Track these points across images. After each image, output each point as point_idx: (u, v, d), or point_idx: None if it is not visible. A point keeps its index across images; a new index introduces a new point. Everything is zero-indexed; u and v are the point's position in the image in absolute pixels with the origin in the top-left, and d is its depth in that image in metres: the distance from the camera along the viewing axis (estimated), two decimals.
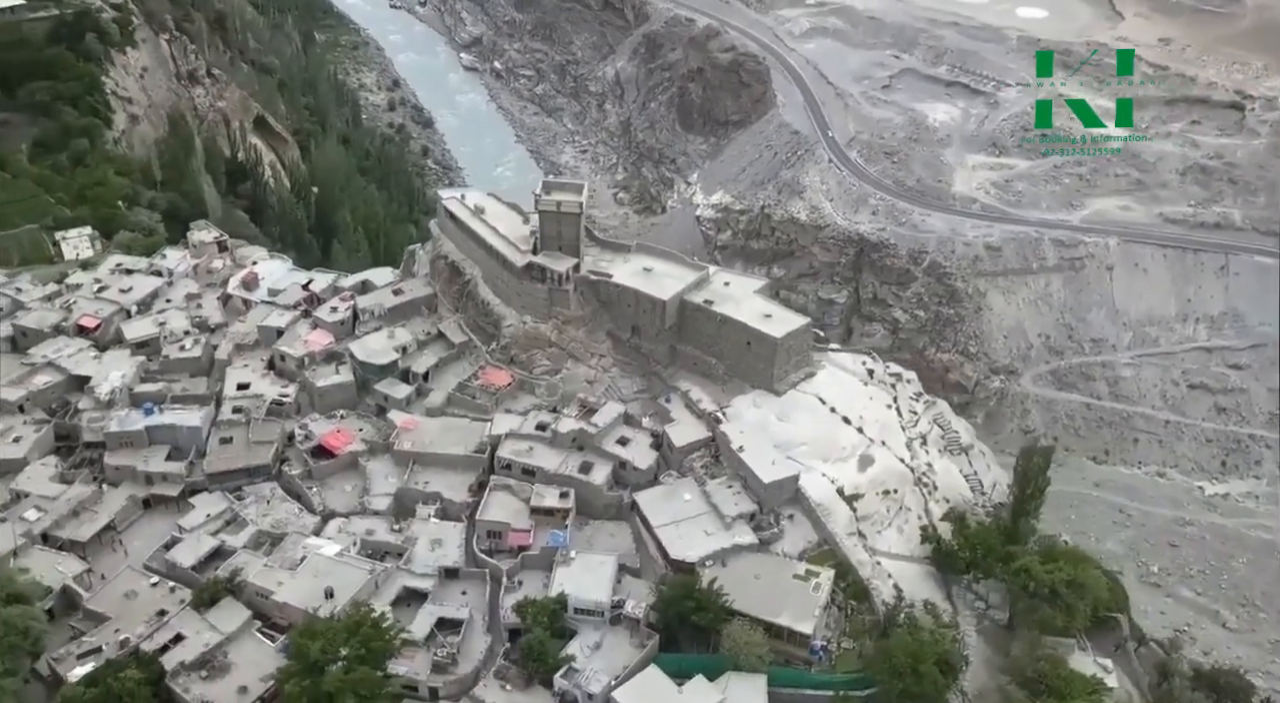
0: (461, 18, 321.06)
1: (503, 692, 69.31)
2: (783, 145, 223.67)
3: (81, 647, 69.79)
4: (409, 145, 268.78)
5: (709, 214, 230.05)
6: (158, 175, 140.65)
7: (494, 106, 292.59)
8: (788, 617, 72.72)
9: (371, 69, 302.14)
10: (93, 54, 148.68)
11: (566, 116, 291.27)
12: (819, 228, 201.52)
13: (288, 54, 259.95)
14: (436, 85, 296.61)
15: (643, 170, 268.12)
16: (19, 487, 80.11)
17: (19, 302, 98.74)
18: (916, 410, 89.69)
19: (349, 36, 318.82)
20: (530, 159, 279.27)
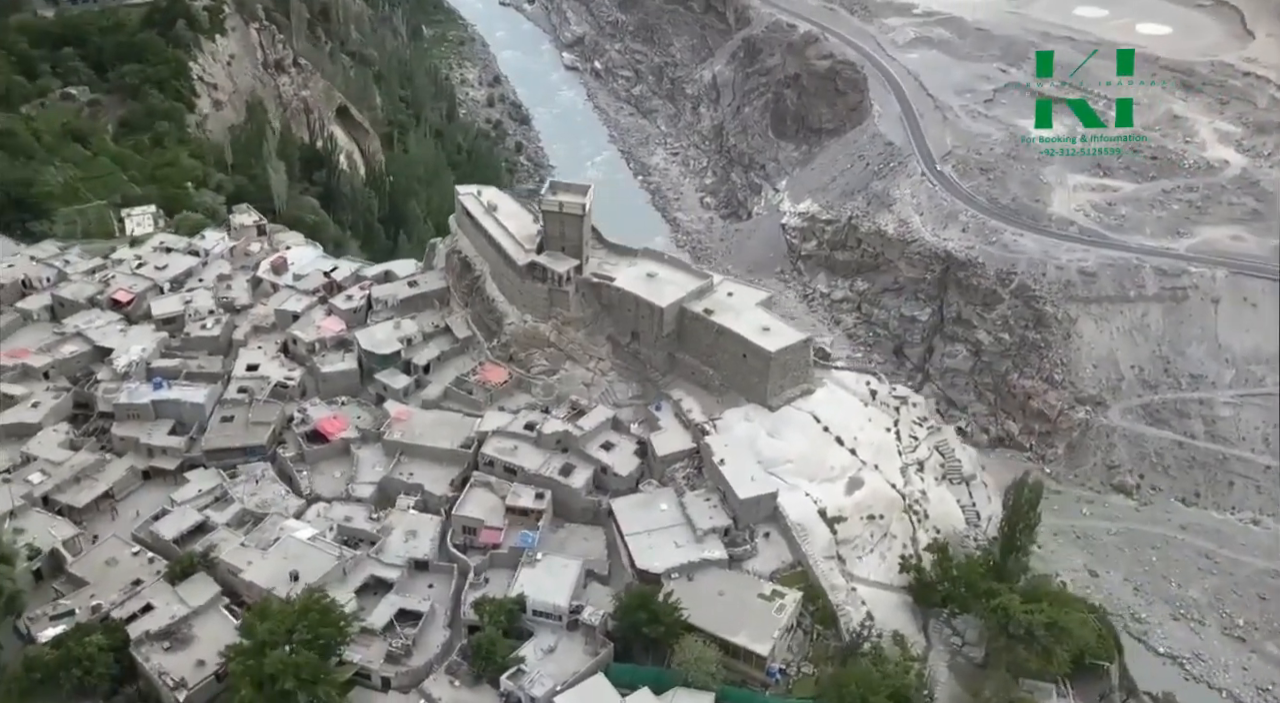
0: (567, 17, 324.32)
1: (450, 687, 69.73)
2: (875, 156, 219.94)
3: (57, 609, 72.47)
4: (504, 141, 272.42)
5: (795, 222, 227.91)
6: (229, 159, 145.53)
7: (591, 106, 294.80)
8: (746, 636, 71.51)
9: (475, 65, 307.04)
10: (182, 40, 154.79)
11: (661, 118, 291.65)
12: (906, 242, 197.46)
13: (391, 47, 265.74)
14: (536, 83, 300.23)
15: (731, 175, 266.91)
16: (29, 450, 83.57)
17: (65, 273, 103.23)
18: (917, 436, 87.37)
19: (456, 32, 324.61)
20: (621, 159, 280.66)
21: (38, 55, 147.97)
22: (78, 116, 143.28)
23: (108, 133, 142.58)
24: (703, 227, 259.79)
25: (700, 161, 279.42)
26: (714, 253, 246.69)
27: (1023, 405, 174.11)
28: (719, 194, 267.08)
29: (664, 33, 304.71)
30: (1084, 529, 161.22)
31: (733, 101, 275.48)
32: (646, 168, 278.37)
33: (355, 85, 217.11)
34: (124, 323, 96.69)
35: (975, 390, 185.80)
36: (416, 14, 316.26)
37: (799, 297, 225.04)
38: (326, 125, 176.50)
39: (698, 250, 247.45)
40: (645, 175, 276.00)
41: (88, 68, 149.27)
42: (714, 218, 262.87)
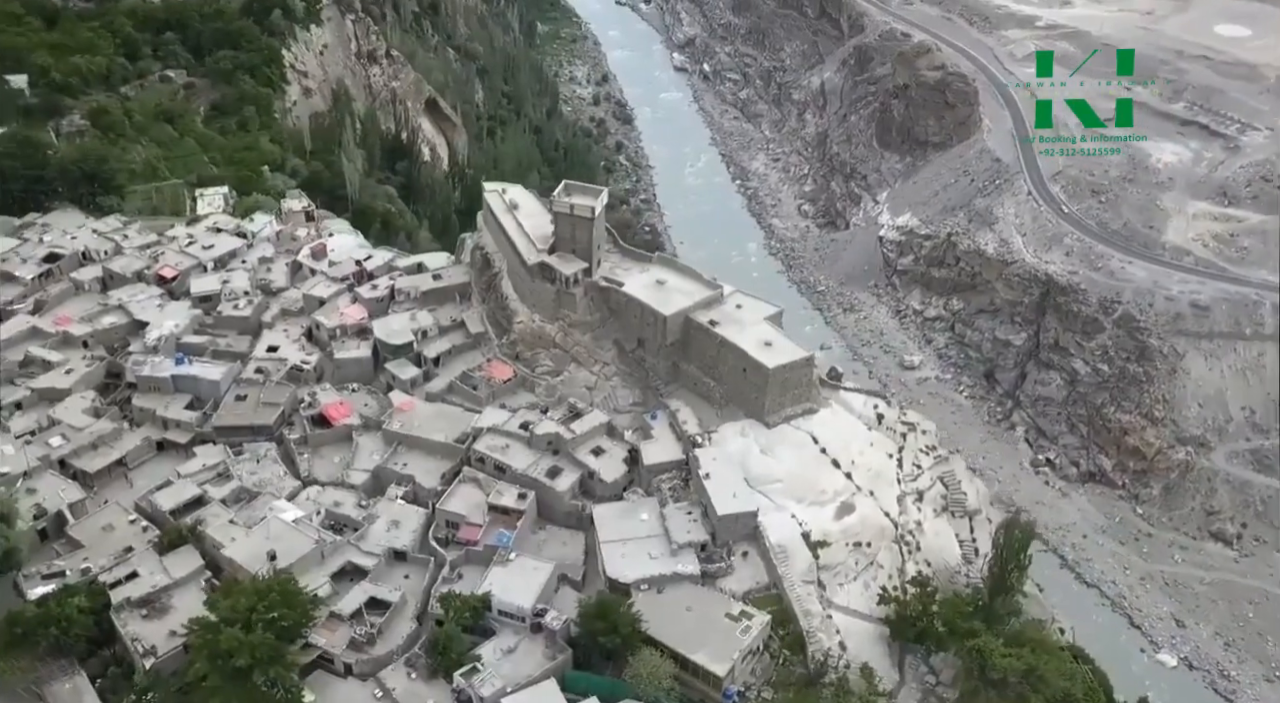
0: (680, 18, 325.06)
1: (407, 679, 70.42)
2: (981, 172, 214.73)
3: (50, 569, 75.95)
4: (604, 140, 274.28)
5: (892, 236, 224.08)
6: (307, 145, 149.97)
7: (695, 108, 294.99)
8: (705, 655, 70.56)
9: (585, 63, 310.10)
10: (277, 29, 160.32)
11: (765, 123, 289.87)
12: (1005, 263, 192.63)
13: (500, 42, 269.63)
14: (644, 83, 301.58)
15: (832, 184, 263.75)
16: (55, 414, 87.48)
17: (120, 247, 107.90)
18: (921, 464, 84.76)
19: (570, 30, 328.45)
20: (721, 163, 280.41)
21: (141, 39, 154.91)
22: (173, 98, 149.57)
23: (199, 115, 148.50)
24: (797, 235, 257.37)
25: (801, 169, 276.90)
26: (807, 262, 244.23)
27: (1118, 441, 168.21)
28: (817, 202, 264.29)
29: (775, 37, 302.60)
30: (1174, 576, 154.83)
31: (839, 109, 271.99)
32: (746, 172, 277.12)
33: (457, 79, 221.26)
34: (164, 298, 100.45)
35: (1067, 422, 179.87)
36: (532, 11, 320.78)
37: (891, 312, 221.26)
38: (414, 117, 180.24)
39: (790, 259, 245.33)
40: (744, 180, 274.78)
41: (186, 52, 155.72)
42: (810, 226, 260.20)
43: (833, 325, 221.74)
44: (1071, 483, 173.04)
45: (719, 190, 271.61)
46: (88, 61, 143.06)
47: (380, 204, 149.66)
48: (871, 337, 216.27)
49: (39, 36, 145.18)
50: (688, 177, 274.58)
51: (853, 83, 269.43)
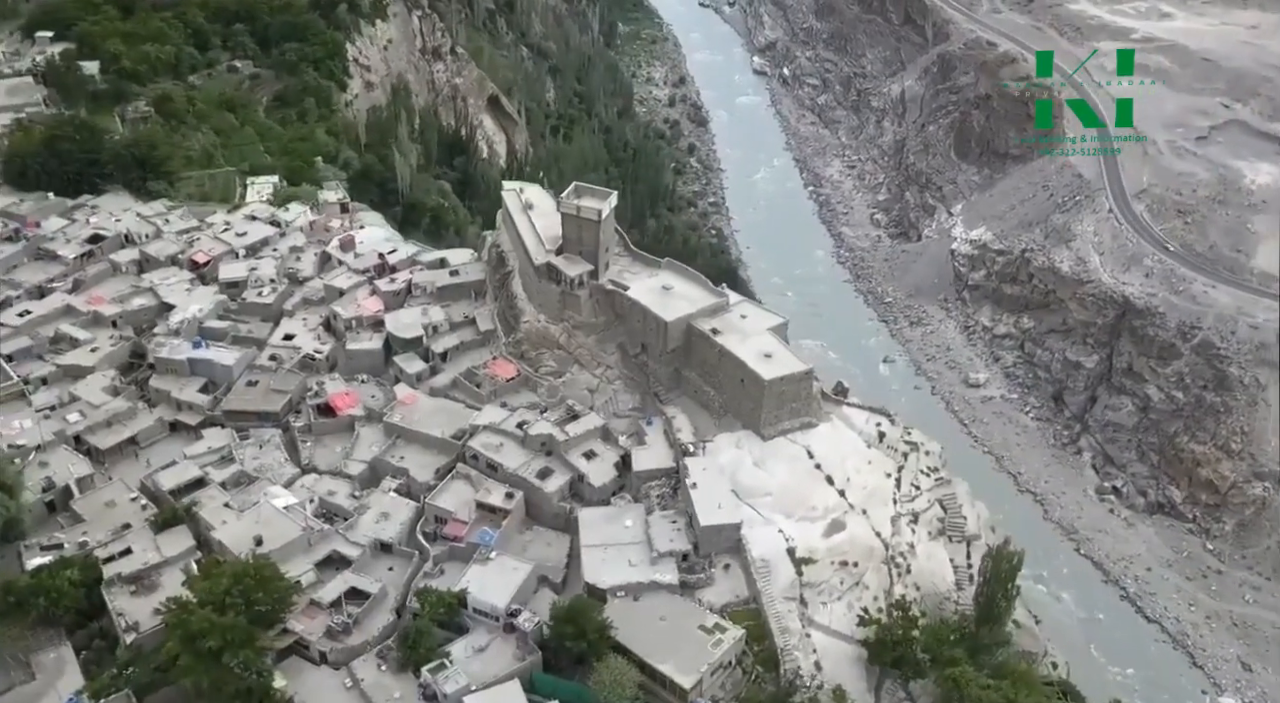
0: (762, 21, 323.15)
1: (376, 670, 70.93)
2: (1061, 187, 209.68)
3: (50, 541, 78.50)
4: (677, 142, 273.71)
5: (965, 249, 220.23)
6: (362, 138, 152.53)
7: (772, 112, 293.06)
8: (673, 666, 69.85)
9: (664, 64, 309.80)
10: (342, 23, 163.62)
11: (842, 130, 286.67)
12: (1080, 282, 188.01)
13: (576, 42, 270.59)
14: (722, 85, 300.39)
15: (906, 194, 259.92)
16: (76, 391, 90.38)
17: (161, 231, 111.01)
18: (920, 486, 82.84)
19: (652, 31, 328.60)
20: (794, 168, 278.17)
21: (212, 30, 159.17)
22: (238, 88, 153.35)
23: (260, 105, 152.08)
24: (868, 244, 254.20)
25: (876, 177, 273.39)
26: (875, 272, 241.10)
27: (1190, 473, 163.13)
28: (890, 212, 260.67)
29: (857, 43, 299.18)
30: (1244, 617, 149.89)
31: (918, 118, 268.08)
32: (819, 179, 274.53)
33: (527, 77, 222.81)
34: (194, 283, 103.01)
35: (1137, 449, 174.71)
36: (614, 11, 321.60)
37: (959, 328, 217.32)
38: (475, 113, 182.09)
39: (859, 268, 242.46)
40: (817, 186, 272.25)
41: (254, 43, 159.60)
42: (882, 236, 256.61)
43: (898, 338, 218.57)
44: (1138, 513, 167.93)
45: (790, 196, 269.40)
46: (156, 50, 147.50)
47: (432, 199, 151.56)
48: (937, 352, 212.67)
49: (114, 25, 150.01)
50: (759, 181, 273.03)
51: (934, 91, 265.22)
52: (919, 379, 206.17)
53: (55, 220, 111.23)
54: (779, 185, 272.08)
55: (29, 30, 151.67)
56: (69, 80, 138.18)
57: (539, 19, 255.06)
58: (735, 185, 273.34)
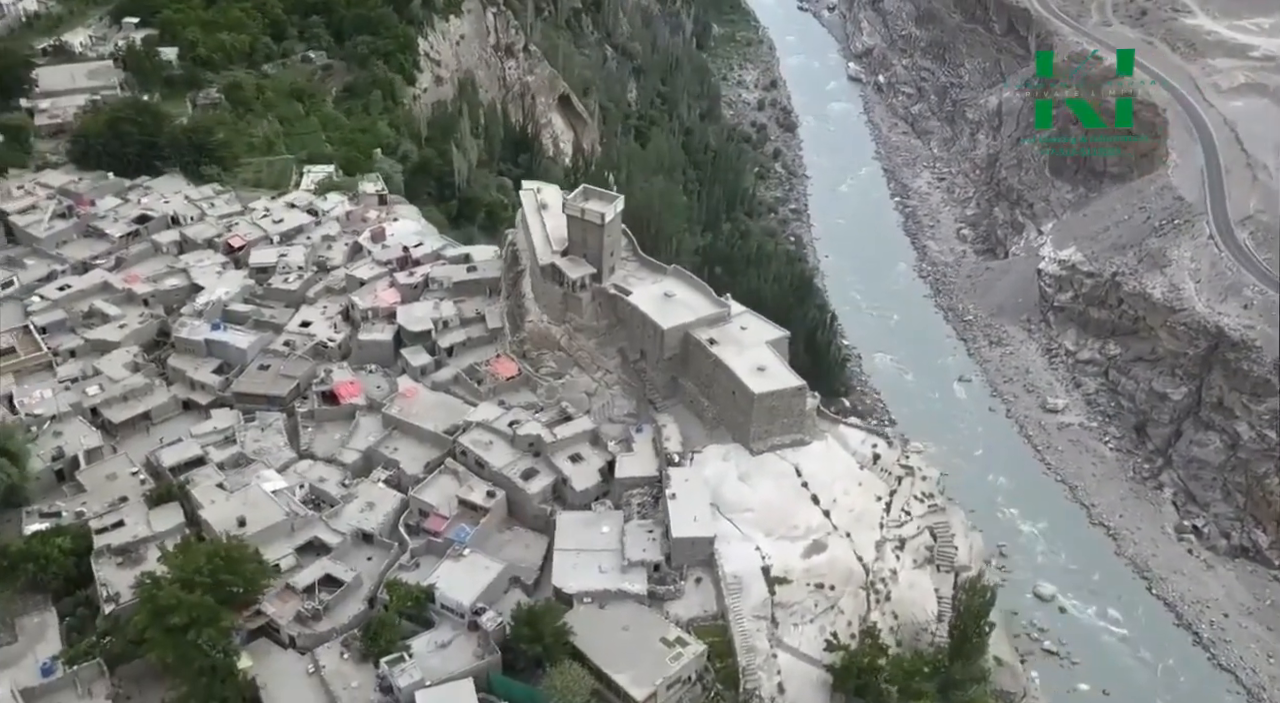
0: (860, 27, 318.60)
1: (339, 658, 71.67)
2: (1159, 210, 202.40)
3: (50, 509, 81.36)
4: (763, 146, 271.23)
5: (1052, 269, 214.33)
6: (423, 132, 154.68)
7: (864, 120, 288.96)
8: (628, 677, 69.23)
9: (756, 67, 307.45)
10: (415, 18, 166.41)
11: (935, 141, 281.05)
12: (1172, 310, 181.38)
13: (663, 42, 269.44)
14: (813, 91, 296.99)
15: (995, 210, 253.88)
16: (98, 365, 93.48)
17: (205, 215, 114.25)
18: (910, 511, 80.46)
19: (747, 33, 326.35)
20: (882, 177, 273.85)
21: (289, 20, 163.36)
22: (309, 78, 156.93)
23: (329, 96, 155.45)
24: (952, 259, 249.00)
25: (966, 191, 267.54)
26: (958, 289, 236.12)
27: (1278, 517, 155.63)
28: (978, 227, 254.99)
29: (956, 52, 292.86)
30: None
31: (1014, 132, 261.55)
32: (907, 190, 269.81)
33: (608, 77, 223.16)
34: (226, 266, 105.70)
35: (1222, 489, 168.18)
36: (709, 12, 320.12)
37: (1040, 350, 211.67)
38: (545, 112, 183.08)
39: (940, 283, 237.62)
40: (903, 197, 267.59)
41: (329, 35, 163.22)
42: (967, 252, 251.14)
43: (975, 357, 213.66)
44: (1219, 556, 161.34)
45: (875, 206, 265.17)
46: (232, 38, 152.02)
47: (489, 194, 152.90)
48: (1016, 374, 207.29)
49: (195, 13, 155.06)
50: (844, 189, 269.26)
51: (1032, 105, 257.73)
52: (994, 401, 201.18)
53: (110, 200, 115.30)
54: (864, 195, 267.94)
55: (117, 16, 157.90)
56: (146, 65, 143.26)
57: (626, 19, 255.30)
58: (819, 193, 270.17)
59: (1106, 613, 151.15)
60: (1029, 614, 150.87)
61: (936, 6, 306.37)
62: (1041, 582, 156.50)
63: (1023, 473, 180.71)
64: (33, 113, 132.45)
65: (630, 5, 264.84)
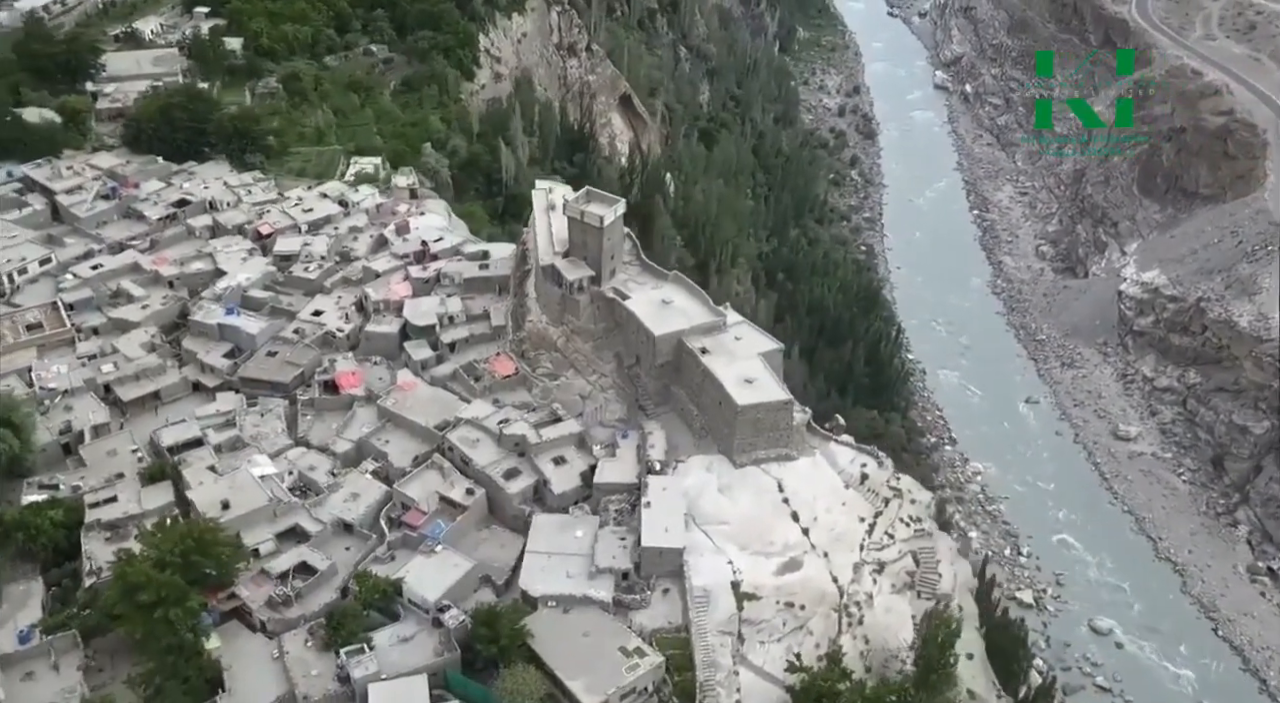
0: (950, 34, 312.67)
1: (303, 645, 72.34)
2: (1253, 235, 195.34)
3: (50, 480, 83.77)
4: (840, 152, 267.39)
5: (1134, 292, 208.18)
6: (475, 128, 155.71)
7: (947, 130, 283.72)
8: (582, 684, 68.59)
9: (839, 72, 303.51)
10: (477, 14, 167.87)
11: (1019, 154, 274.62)
12: (1259, 340, 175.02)
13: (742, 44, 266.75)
14: (897, 98, 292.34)
15: (1078, 227, 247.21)
16: (116, 343, 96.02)
17: (241, 200, 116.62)
18: (894, 535, 78.19)
19: (832, 38, 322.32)
20: (961, 189, 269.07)
21: (353, 13, 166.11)
22: (369, 71, 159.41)
23: (387, 89, 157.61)
24: (1029, 276, 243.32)
25: (1049, 206, 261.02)
26: (1032, 307, 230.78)
27: None
28: (1059, 245, 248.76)
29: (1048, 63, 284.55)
30: None
31: (1104, 147, 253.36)
32: (986, 203, 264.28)
33: (680, 78, 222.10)
34: (251, 253, 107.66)
35: None
36: (795, 15, 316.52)
37: (1116, 375, 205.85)
38: (604, 111, 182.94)
39: (1015, 301, 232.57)
40: (983, 210, 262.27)
41: (392, 29, 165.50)
42: (1045, 269, 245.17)
43: (1046, 379, 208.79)
44: None
45: (953, 218, 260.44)
46: (295, 30, 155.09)
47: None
48: (1087, 398, 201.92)
49: (261, 4, 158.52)
50: (921, 200, 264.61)
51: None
52: (1061, 424, 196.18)
53: (153, 183, 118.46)
54: (942, 206, 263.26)
55: (189, 5, 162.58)
56: (209, 54, 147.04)
57: (703, 20, 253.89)
58: (895, 202, 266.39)
59: (1167, 652, 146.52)
60: (1083, 647, 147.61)
61: (1031, 16, 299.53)
62: (1099, 615, 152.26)
63: (1087, 501, 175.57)
64: (96, 97, 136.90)
65: (709, 7, 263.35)
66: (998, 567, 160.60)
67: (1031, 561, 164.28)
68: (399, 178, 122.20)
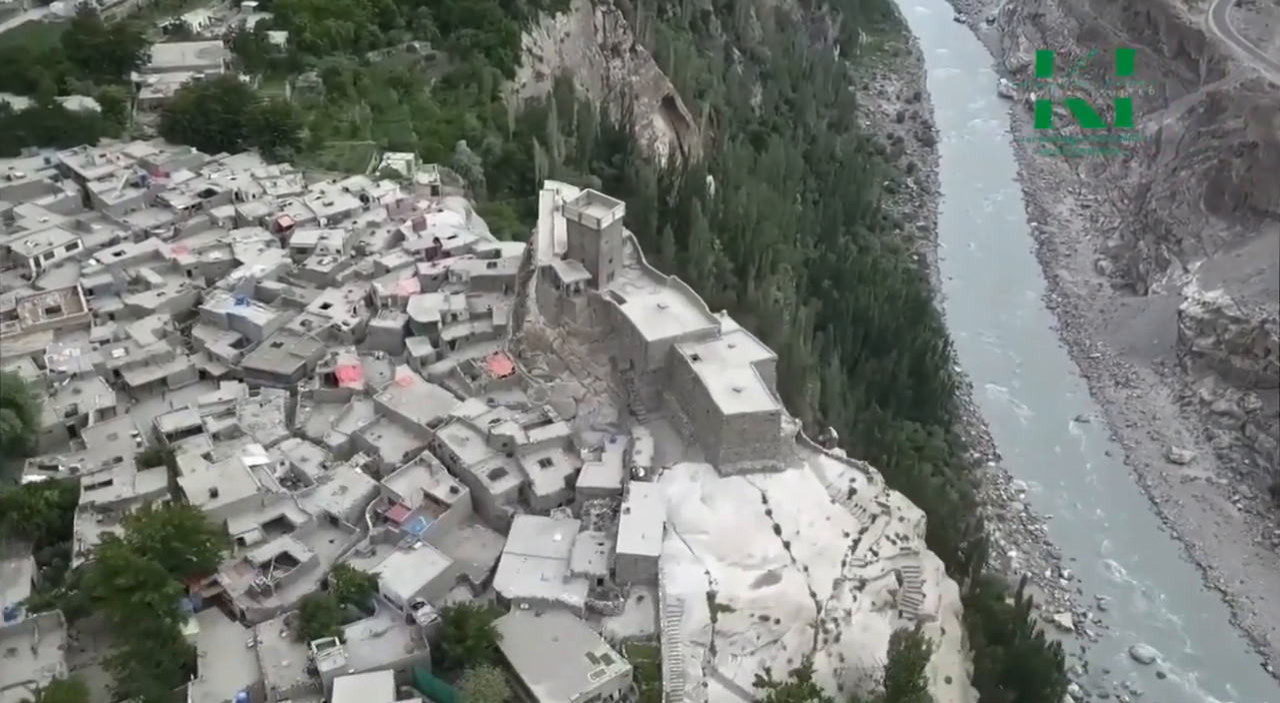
0: (1018, 41, 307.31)
1: (278, 636, 72.80)
2: None
3: (51, 461, 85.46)
4: (897, 160, 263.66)
5: (1195, 311, 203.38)
6: (511, 126, 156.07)
7: (1009, 139, 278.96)
8: (545, 688, 68.24)
9: (900, 78, 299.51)
10: (520, 13, 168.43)
11: (1083, 165, 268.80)
12: None
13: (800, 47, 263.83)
14: (959, 106, 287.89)
15: (1140, 243, 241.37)
16: (129, 329, 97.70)
17: (266, 192, 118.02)
18: (879, 552, 76.50)
19: (895, 43, 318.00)
20: (1021, 201, 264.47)
21: (397, 10, 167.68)
22: (411, 68, 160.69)
23: (428, 86, 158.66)
24: (1086, 292, 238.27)
25: (1110, 221, 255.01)
26: (1088, 323, 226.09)
27: None
28: (1119, 260, 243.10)
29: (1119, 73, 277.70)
30: None
31: (1171, 161, 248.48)
32: (1045, 215, 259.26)
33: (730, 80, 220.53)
34: (269, 244, 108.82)
35: None
36: (858, 19, 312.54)
37: (1172, 396, 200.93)
38: (646, 113, 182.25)
39: (1069, 316, 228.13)
40: (1041, 223, 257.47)
41: (435, 27, 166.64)
42: (1104, 285, 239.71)
43: (1098, 398, 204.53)
44: None
45: (1010, 230, 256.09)
46: (338, 25, 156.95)
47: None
48: (1140, 419, 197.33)
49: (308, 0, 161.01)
50: (979, 210, 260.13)
51: (1194, 134, 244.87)
52: (1112, 445, 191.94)
53: (184, 173, 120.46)
54: (999, 217, 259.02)
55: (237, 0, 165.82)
56: (251, 47, 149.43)
57: (760, 23, 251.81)
58: (951, 211, 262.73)
59: (1212, 686, 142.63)
60: (1123, 676, 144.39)
61: (1102, 24, 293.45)
62: (1142, 643, 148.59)
63: (1135, 525, 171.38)
64: (140, 87, 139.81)
65: (766, 9, 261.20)
66: (1037, 588, 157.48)
67: (1073, 583, 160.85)
68: (421, 175, 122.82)
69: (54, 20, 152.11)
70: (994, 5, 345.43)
